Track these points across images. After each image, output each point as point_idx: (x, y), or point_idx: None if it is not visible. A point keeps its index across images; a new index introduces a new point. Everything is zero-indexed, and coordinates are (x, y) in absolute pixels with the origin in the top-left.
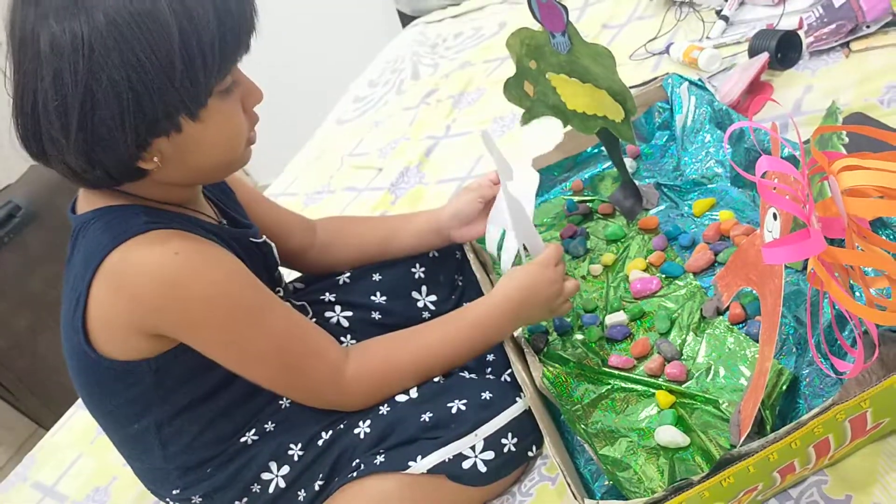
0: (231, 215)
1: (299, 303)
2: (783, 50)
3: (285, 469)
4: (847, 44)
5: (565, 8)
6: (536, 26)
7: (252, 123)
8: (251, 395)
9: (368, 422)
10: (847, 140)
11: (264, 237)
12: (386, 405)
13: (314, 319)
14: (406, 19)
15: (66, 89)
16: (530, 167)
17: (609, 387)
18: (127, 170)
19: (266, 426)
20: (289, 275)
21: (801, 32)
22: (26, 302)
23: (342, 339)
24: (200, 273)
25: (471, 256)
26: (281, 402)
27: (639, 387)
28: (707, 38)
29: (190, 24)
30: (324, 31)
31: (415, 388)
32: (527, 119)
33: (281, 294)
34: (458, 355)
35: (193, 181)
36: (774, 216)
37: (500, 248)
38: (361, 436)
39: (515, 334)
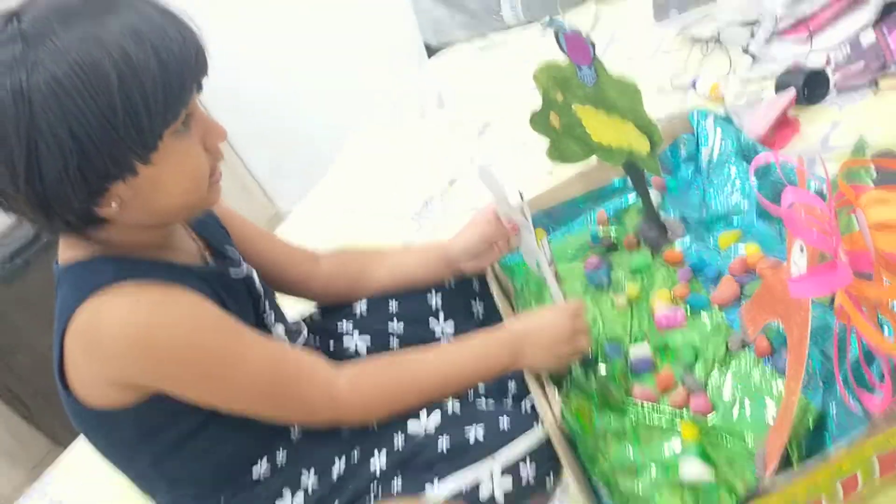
0: (218, 249)
1: (316, 333)
2: (810, 86)
3: (300, 497)
4: (875, 82)
5: (592, 42)
6: (563, 59)
7: (215, 161)
8: (251, 421)
9: (384, 453)
10: (876, 175)
11: (246, 268)
12: (401, 435)
13: (332, 348)
14: (432, 51)
15: (10, 145)
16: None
17: (632, 419)
18: (85, 217)
19: (277, 456)
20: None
21: (828, 70)
22: (51, 321)
23: None
24: (168, 324)
25: (493, 286)
26: (291, 430)
27: (663, 420)
28: (733, 73)
29: (130, 70)
30: (351, 60)
31: (431, 420)
32: (552, 150)
33: (272, 318)
34: (456, 378)
35: (159, 222)
36: (801, 249)
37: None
38: (377, 473)
39: None
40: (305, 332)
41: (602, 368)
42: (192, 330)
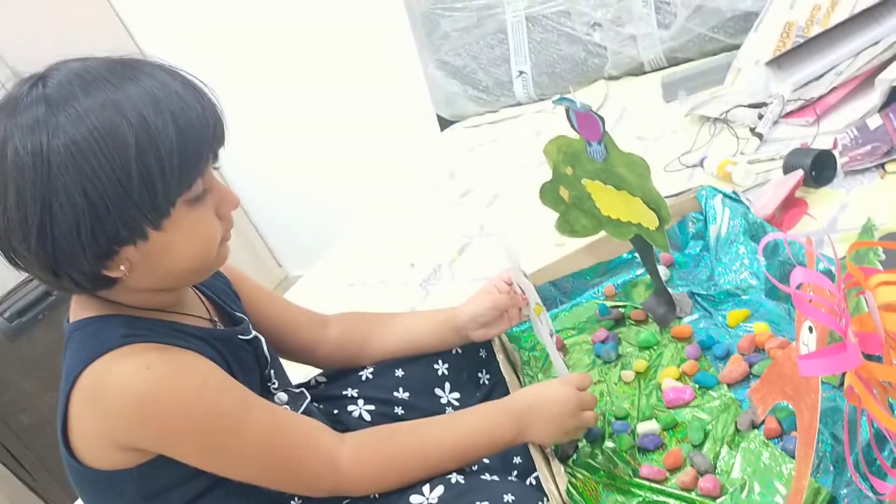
0: (228, 312)
1: (321, 400)
2: (818, 168)
3: None
4: (882, 165)
5: (602, 118)
6: (573, 134)
7: (227, 228)
8: (252, 488)
9: None
10: (884, 257)
11: (254, 333)
12: None
13: (336, 414)
14: (444, 123)
15: (25, 204)
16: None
17: (640, 499)
18: (93, 279)
19: None
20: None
21: (835, 152)
22: (55, 381)
23: None
24: (173, 387)
25: (500, 357)
26: (292, 501)
27: (671, 501)
28: (741, 153)
29: (147, 136)
30: (364, 131)
31: (434, 493)
32: (561, 223)
33: (276, 385)
34: (461, 450)
35: (166, 286)
36: (810, 329)
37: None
38: None
39: None
40: (308, 399)
41: (609, 444)
42: (198, 394)
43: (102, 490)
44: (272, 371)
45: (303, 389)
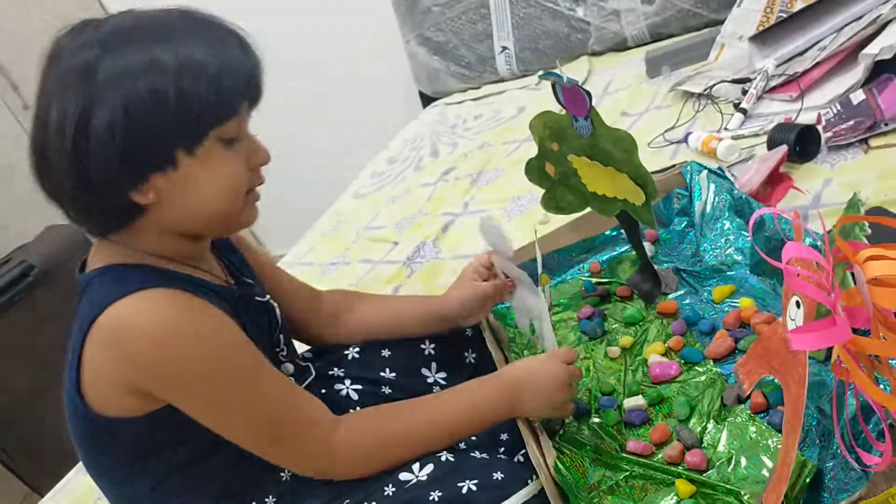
0: (239, 276)
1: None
2: (802, 143)
3: None
4: (866, 140)
5: (588, 93)
6: (558, 109)
7: (256, 181)
8: (245, 459)
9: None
10: (870, 231)
11: (268, 297)
12: (391, 486)
13: (323, 391)
14: (427, 100)
15: (65, 113)
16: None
17: (627, 473)
18: (121, 206)
19: (266, 500)
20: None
21: (819, 127)
22: (32, 363)
23: (351, 411)
24: (191, 333)
25: (487, 335)
26: (282, 473)
27: (658, 474)
28: (725, 129)
29: (188, 64)
30: (346, 108)
31: (423, 471)
32: (547, 200)
33: (284, 353)
34: (453, 428)
35: (191, 227)
36: (798, 304)
37: (532, 332)
38: None
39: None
40: (313, 375)
41: (595, 419)
42: (216, 343)
43: (105, 438)
44: (282, 336)
45: (308, 364)
